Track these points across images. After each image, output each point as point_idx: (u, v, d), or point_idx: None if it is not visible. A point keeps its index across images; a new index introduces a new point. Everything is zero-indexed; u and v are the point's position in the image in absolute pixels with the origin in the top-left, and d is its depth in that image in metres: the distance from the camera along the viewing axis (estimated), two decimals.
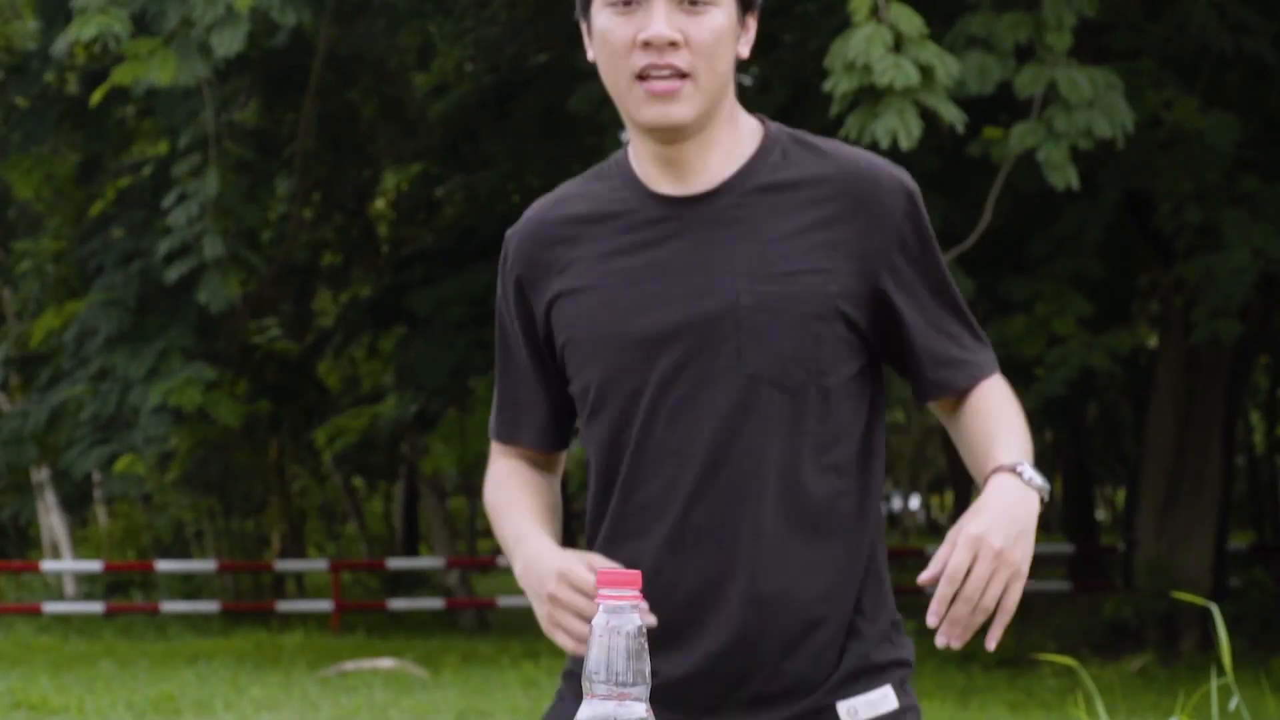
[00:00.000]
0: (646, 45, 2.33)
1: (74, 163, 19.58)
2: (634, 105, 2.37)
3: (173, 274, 15.23)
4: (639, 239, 2.41)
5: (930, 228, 2.44)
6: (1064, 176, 11.39)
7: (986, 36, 11.75)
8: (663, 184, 2.41)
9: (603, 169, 2.50)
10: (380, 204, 23.81)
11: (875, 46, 10.74)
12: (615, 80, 2.38)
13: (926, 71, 10.90)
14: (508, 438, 2.56)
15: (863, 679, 2.39)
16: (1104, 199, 14.34)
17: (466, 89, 19.97)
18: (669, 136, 2.37)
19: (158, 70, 13.46)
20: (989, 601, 2.23)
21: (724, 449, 2.36)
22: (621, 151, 2.49)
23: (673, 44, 2.33)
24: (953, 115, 11.05)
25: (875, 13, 10.99)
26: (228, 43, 13.13)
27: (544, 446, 2.55)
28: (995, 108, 13.02)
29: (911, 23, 10.91)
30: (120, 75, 13.83)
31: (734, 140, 2.42)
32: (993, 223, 12.92)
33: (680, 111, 2.35)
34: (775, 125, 2.47)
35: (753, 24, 2.47)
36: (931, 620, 2.22)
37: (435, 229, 20.85)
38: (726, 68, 2.39)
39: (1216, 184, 13.69)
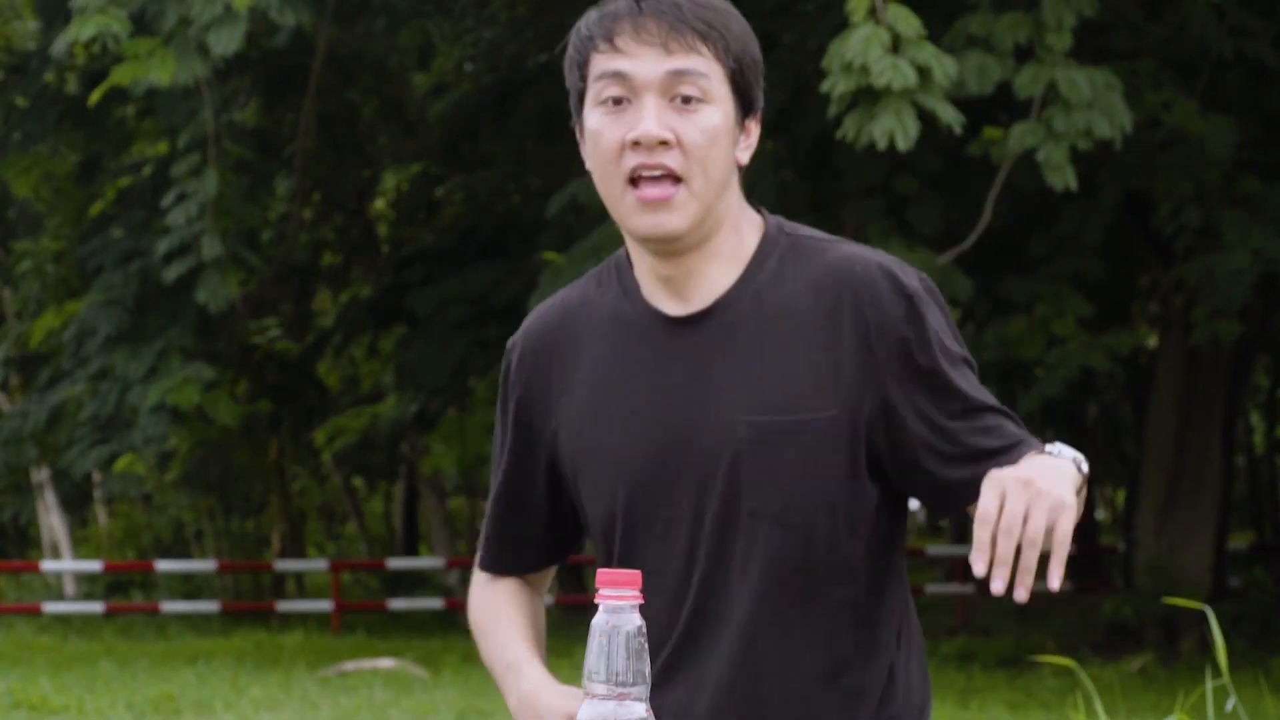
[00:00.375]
0: (636, 145, 2.23)
1: (74, 162, 19.58)
2: (626, 214, 2.26)
3: (171, 274, 15.23)
4: (639, 361, 2.31)
5: (942, 325, 2.29)
6: (1063, 177, 11.39)
7: (986, 36, 11.75)
8: (661, 299, 2.32)
9: (603, 273, 2.39)
10: (380, 204, 23.81)
11: (873, 47, 10.74)
12: (608, 186, 2.27)
13: (924, 73, 10.90)
14: (501, 570, 2.46)
15: None
16: (1104, 199, 14.34)
17: (466, 89, 19.97)
18: (664, 247, 2.28)
19: (157, 70, 13.46)
20: (1034, 533, 2.00)
21: (720, 590, 2.27)
22: (622, 252, 2.38)
23: (664, 143, 2.23)
24: (950, 116, 11.05)
25: (873, 13, 11.00)
26: (225, 42, 13.13)
27: (537, 569, 2.47)
28: (995, 107, 13.03)
29: (909, 24, 10.92)
30: (119, 75, 13.83)
31: (735, 248, 2.32)
32: (993, 223, 12.91)
33: (674, 221, 2.24)
34: (775, 226, 2.36)
35: (755, 129, 2.34)
36: (979, 569, 2.01)
37: (435, 229, 20.85)
38: (722, 172, 2.27)
39: (1216, 185, 13.69)
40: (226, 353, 18.56)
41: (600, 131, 2.27)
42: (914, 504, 2.39)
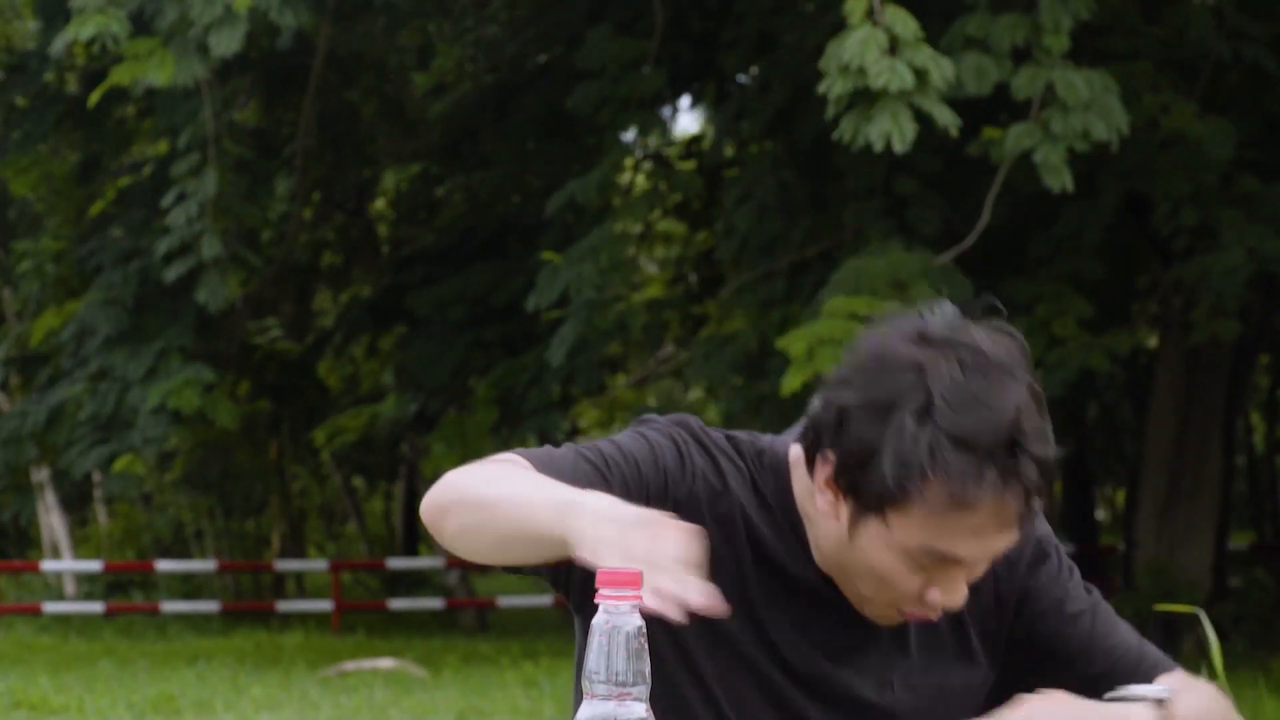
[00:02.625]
0: (925, 602, 2.03)
1: (74, 162, 19.58)
2: (871, 609, 2.08)
3: (171, 274, 15.24)
4: (802, 613, 2.11)
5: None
6: (1059, 179, 11.39)
7: (984, 38, 11.75)
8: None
9: (766, 495, 2.11)
10: (380, 204, 23.81)
11: (870, 49, 10.76)
12: (869, 589, 2.05)
13: (921, 75, 10.92)
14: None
15: None
16: (1103, 200, 14.34)
17: (466, 89, 19.98)
18: None
19: (156, 70, 13.47)
20: None
21: None
22: (783, 488, 2.11)
23: None
24: (946, 119, 11.07)
25: (870, 15, 11.01)
26: (225, 43, 13.14)
27: None
28: (995, 107, 13.04)
29: (906, 25, 10.94)
30: (118, 75, 13.84)
31: None
32: (992, 223, 12.91)
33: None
34: None
35: None
36: None
37: (435, 229, 20.85)
38: None
39: (1214, 185, 13.69)
40: (226, 353, 18.56)
41: (893, 574, 2.02)
42: None
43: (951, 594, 2.01)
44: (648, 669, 1.87)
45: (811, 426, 2.04)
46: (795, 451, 2.11)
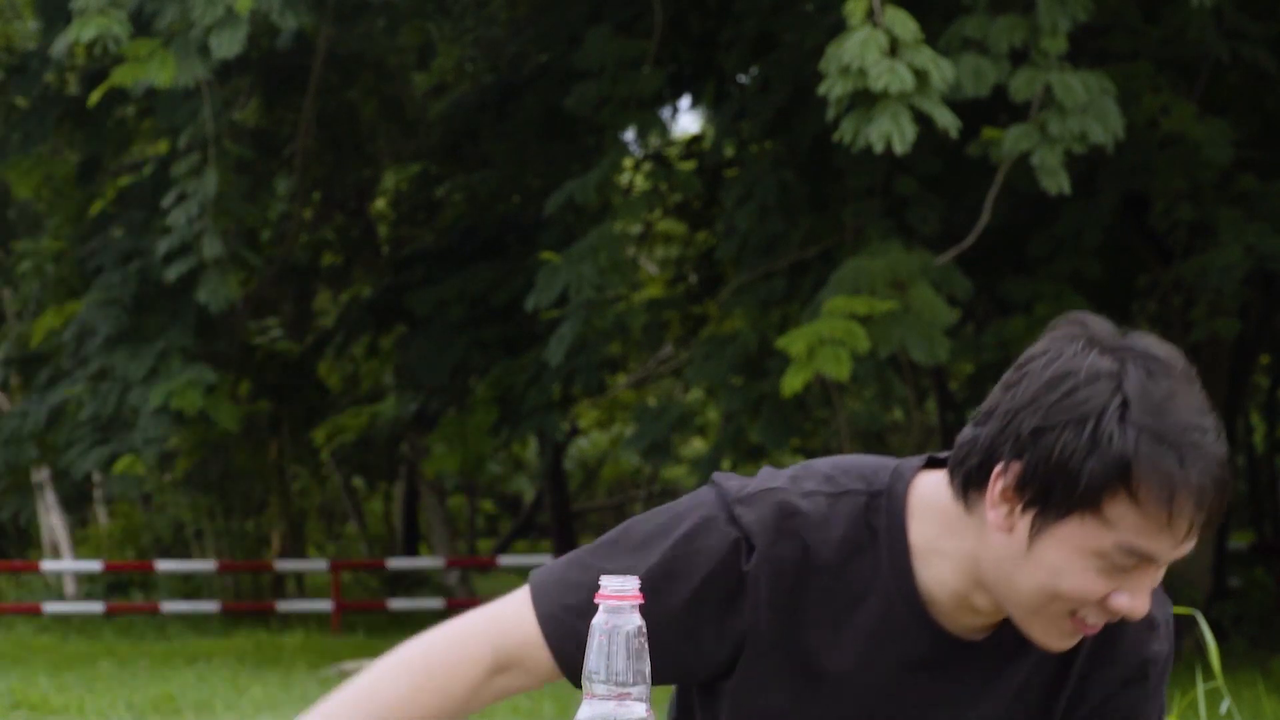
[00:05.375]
0: (1109, 609, 2.01)
1: (74, 163, 19.58)
2: (1043, 624, 2.03)
3: (172, 274, 15.24)
4: (895, 658, 2.11)
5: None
6: (1057, 181, 11.40)
7: (981, 39, 11.76)
8: (948, 615, 2.09)
9: (864, 536, 2.09)
10: (380, 204, 23.81)
11: (870, 50, 10.77)
12: (1038, 601, 2.01)
13: (921, 76, 10.92)
14: (550, 634, 2.22)
15: None
16: (1103, 200, 14.35)
17: (466, 89, 19.98)
18: None
19: (157, 71, 13.48)
20: None
21: None
22: (896, 522, 2.09)
23: None
24: (946, 120, 11.07)
25: (870, 16, 11.02)
26: (227, 45, 13.15)
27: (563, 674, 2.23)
28: (995, 108, 13.04)
29: (906, 27, 10.95)
30: (120, 76, 13.84)
31: None
32: (992, 223, 12.92)
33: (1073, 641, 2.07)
34: None
35: None
36: None
37: (435, 229, 20.85)
38: None
39: (1212, 183, 13.70)
40: (227, 353, 18.56)
41: (1078, 580, 1.99)
42: None
43: (1138, 597, 2.00)
44: (648, 669, 1.87)
45: (974, 450, 2.02)
46: (920, 490, 2.11)
